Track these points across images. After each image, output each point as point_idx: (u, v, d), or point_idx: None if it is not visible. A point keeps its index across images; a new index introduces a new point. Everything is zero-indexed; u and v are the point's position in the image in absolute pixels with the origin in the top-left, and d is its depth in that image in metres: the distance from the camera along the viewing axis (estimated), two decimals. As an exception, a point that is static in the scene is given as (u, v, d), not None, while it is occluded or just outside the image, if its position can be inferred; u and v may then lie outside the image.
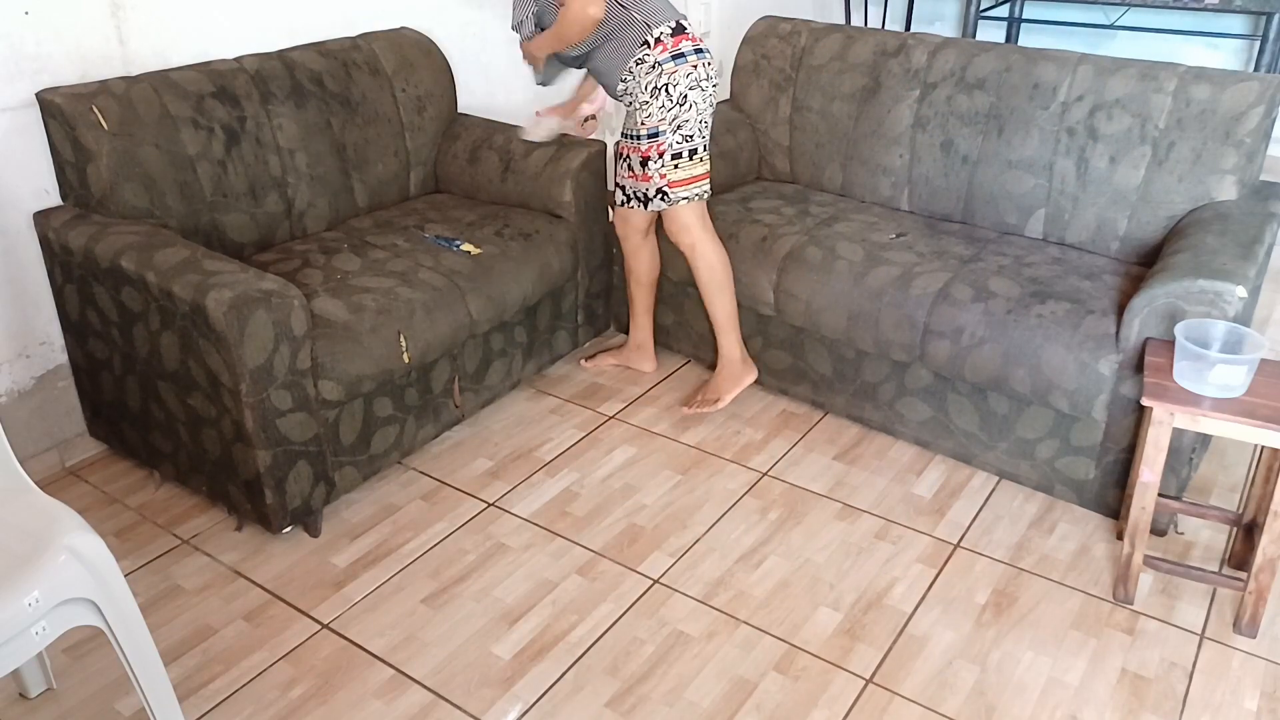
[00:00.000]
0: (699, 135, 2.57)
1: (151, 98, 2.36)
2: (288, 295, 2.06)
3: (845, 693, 1.92)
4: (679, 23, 2.51)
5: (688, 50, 2.50)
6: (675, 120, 2.52)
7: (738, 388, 2.74)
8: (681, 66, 2.49)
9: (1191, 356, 1.94)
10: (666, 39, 2.47)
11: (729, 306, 2.70)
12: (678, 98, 2.50)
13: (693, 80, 2.51)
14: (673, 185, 2.58)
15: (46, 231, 2.31)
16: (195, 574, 2.22)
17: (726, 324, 2.72)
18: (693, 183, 2.60)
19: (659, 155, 2.55)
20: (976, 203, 2.82)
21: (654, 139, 2.54)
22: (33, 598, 1.44)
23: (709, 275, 2.66)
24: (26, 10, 2.26)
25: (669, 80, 2.48)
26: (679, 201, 2.60)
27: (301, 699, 1.90)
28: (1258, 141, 2.45)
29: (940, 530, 2.35)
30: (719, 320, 2.72)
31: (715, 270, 2.65)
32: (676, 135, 2.54)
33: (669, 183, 2.58)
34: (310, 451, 2.20)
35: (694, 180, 2.60)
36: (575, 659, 1.99)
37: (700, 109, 2.55)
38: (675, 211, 2.62)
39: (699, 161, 2.60)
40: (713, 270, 2.65)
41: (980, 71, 2.79)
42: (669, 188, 2.58)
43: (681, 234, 2.64)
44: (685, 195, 2.60)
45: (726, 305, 2.69)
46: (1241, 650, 2.01)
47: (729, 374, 2.75)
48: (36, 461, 2.49)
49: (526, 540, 2.32)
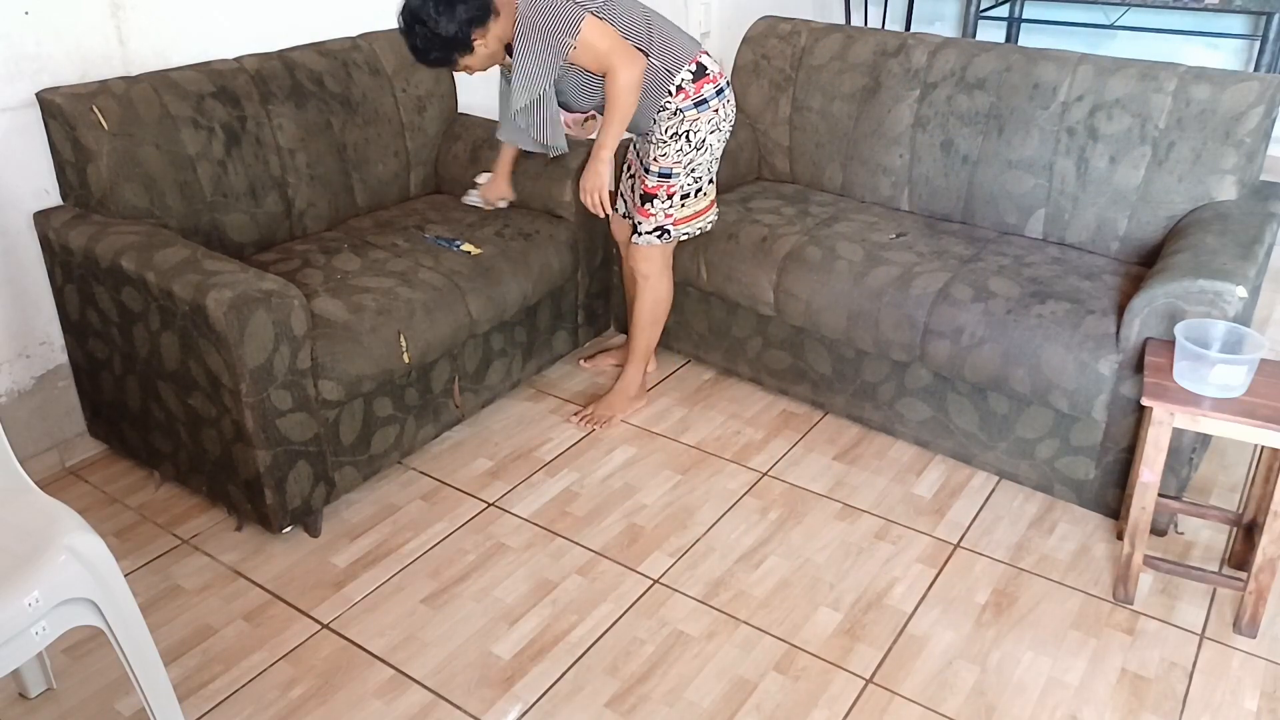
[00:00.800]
0: (708, 171, 2.56)
1: (151, 98, 2.36)
2: (288, 295, 2.06)
3: (845, 693, 1.92)
4: (700, 63, 2.45)
5: (710, 95, 2.45)
6: (691, 164, 2.50)
7: (629, 410, 2.79)
8: (704, 113, 2.46)
9: (1191, 356, 1.94)
10: (688, 85, 2.43)
11: (651, 341, 2.75)
12: (696, 143, 2.48)
13: (714, 124, 2.49)
14: (678, 223, 2.57)
15: (46, 231, 2.31)
16: (195, 574, 2.22)
17: (641, 355, 2.77)
18: (697, 217, 2.61)
19: (668, 196, 2.53)
20: (976, 203, 2.82)
21: (665, 179, 2.51)
22: (33, 598, 1.44)
23: (651, 309, 2.69)
24: (26, 10, 2.26)
25: (690, 127, 2.46)
26: (680, 238, 2.61)
27: (301, 699, 1.90)
28: (1258, 141, 2.45)
29: (940, 530, 2.35)
30: (637, 349, 2.75)
31: (659, 306, 2.69)
32: (689, 177, 2.52)
33: (674, 220, 2.56)
34: (310, 451, 2.20)
35: (699, 215, 2.61)
36: (575, 659, 1.99)
37: (715, 149, 2.54)
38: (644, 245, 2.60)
39: (703, 195, 2.59)
40: (657, 305, 2.69)
41: (980, 71, 2.79)
42: (673, 225, 2.57)
43: (642, 263, 2.63)
44: (688, 231, 2.61)
45: (650, 340, 2.75)
46: (1241, 650, 2.01)
47: (624, 396, 2.79)
48: (36, 461, 2.49)
49: (526, 540, 2.32)
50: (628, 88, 2.34)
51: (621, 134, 2.42)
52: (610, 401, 2.79)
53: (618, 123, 2.39)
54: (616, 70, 2.32)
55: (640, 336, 2.73)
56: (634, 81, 2.34)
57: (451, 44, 2.25)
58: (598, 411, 2.76)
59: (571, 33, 2.28)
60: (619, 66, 2.32)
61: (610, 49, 2.32)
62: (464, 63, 2.32)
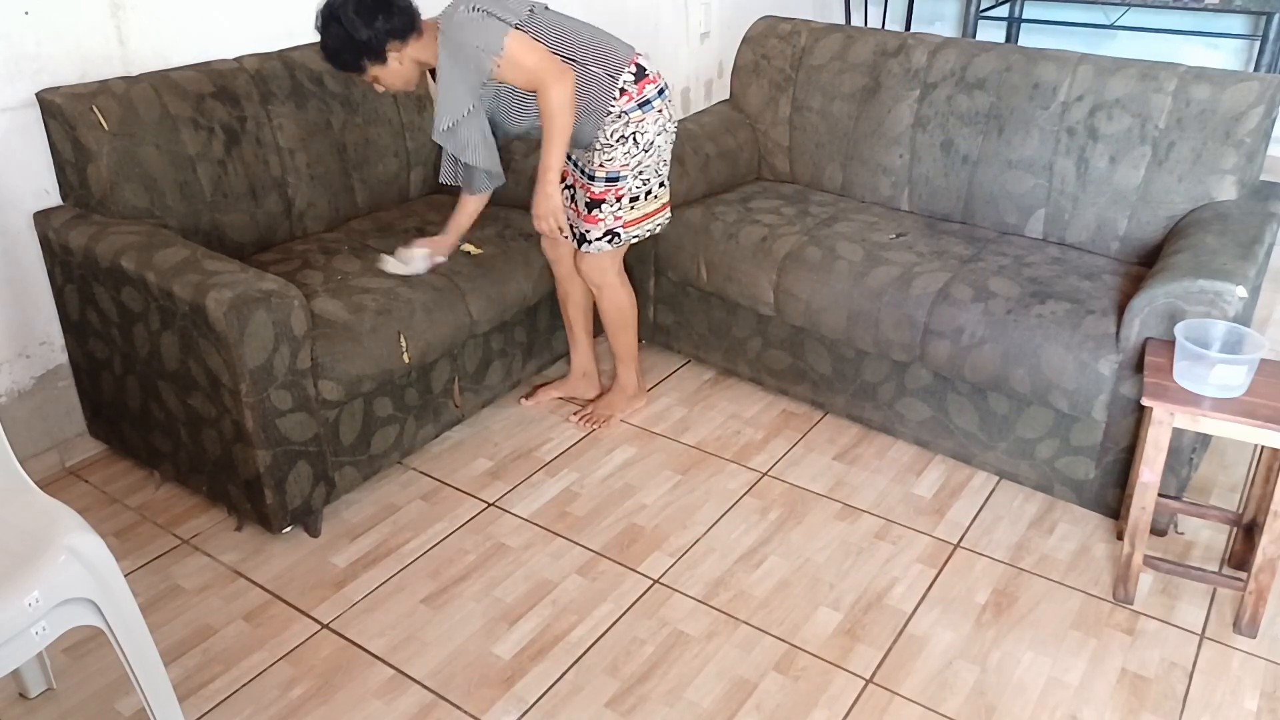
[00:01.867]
0: (656, 173, 2.49)
1: (151, 98, 2.36)
2: (288, 295, 2.06)
3: (845, 693, 1.92)
4: (639, 65, 2.38)
5: (652, 95, 2.39)
6: (638, 166, 2.44)
7: (628, 409, 2.78)
8: (649, 114, 2.39)
9: (1191, 356, 1.94)
10: (630, 87, 2.36)
11: (630, 341, 2.72)
12: (644, 145, 2.41)
13: (659, 125, 2.42)
14: (627, 225, 2.50)
15: (47, 231, 2.31)
16: (195, 574, 2.22)
17: (627, 357, 2.75)
18: (648, 219, 2.54)
19: (615, 199, 2.45)
20: (976, 203, 2.82)
21: (613, 183, 2.44)
22: (33, 598, 1.44)
23: (616, 315, 2.66)
24: (26, 10, 2.26)
25: (636, 129, 2.39)
26: (631, 240, 2.54)
27: (301, 699, 1.90)
28: (1258, 141, 2.45)
29: (940, 530, 2.35)
30: (620, 353, 2.74)
31: (623, 311, 2.65)
32: (637, 180, 2.45)
33: (624, 223, 2.49)
34: (310, 451, 2.20)
35: (649, 216, 2.54)
36: (575, 659, 1.99)
37: (663, 151, 2.48)
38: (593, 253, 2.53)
39: (654, 199, 2.52)
40: (620, 311, 2.65)
41: (980, 71, 2.79)
42: (623, 228, 2.50)
43: (594, 273, 2.57)
44: (638, 233, 2.54)
45: (628, 340, 2.72)
46: (1241, 650, 2.01)
47: (622, 396, 2.79)
48: (36, 461, 2.49)
49: (526, 540, 2.32)
50: (561, 104, 2.27)
51: (564, 151, 2.34)
52: (610, 401, 2.78)
53: (558, 141, 2.31)
54: (548, 86, 2.25)
55: (616, 343, 2.72)
56: (567, 98, 2.27)
57: (363, 49, 2.19)
58: (597, 410, 2.76)
59: (494, 49, 2.21)
60: (550, 83, 2.25)
61: (538, 65, 2.25)
62: (374, 73, 2.25)
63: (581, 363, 2.84)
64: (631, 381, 2.79)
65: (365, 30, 2.17)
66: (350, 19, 2.16)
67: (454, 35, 2.23)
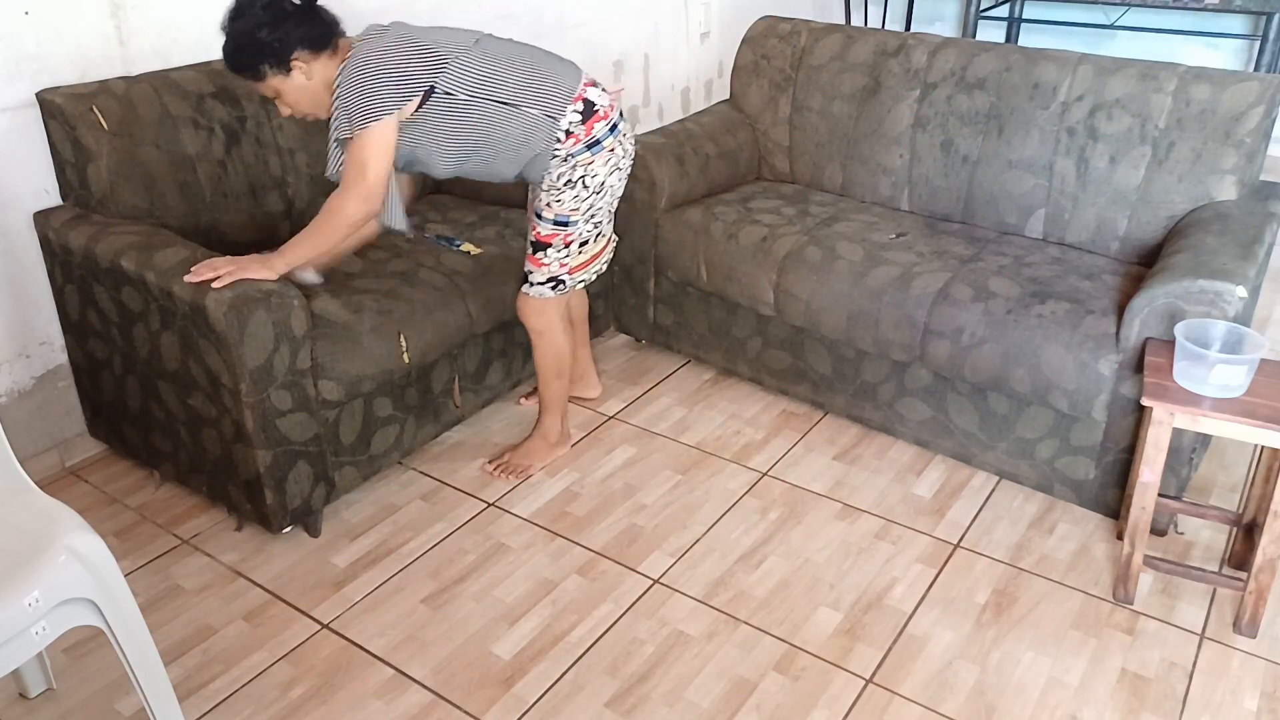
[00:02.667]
0: (608, 214, 2.33)
1: (151, 98, 2.36)
2: (287, 295, 2.06)
3: (845, 693, 1.92)
4: (586, 100, 2.15)
5: (602, 135, 2.17)
6: (590, 209, 2.25)
7: (550, 457, 2.59)
8: (599, 155, 2.19)
9: (1191, 356, 1.94)
10: (577, 128, 2.14)
11: (560, 390, 2.53)
12: (595, 188, 2.22)
13: (611, 165, 2.22)
14: (574, 270, 2.33)
15: (46, 231, 2.31)
16: (195, 574, 2.22)
17: (554, 403, 2.55)
18: (593, 261, 2.38)
19: (564, 245, 2.28)
20: (976, 203, 2.82)
21: (562, 227, 2.25)
22: (33, 598, 1.44)
23: (552, 362, 2.46)
24: (26, 10, 2.26)
25: (585, 172, 2.19)
26: (576, 285, 2.38)
27: (301, 699, 1.90)
28: (1258, 141, 2.45)
29: (940, 530, 2.35)
30: (548, 401, 2.54)
31: (560, 359, 2.47)
32: (588, 224, 2.28)
33: (570, 269, 2.32)
34: (310, 451, 2.20)
35: (595, 258, 2.38)
36: (575, 659, 1.99)
37: (616, 190, 2.30)
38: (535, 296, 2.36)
39: (600, 239, 2.37)
40: (558, 359, 2.46)
41: (980, 71, 2.79)
42: (569, 275, 2.33)
43: (532, 317, 2.39)
44: (584, 278, 2.39)
45: (560, 388, 2.52)
46: (1241, 650, 2.01)
47: (544, 444, 2.58)
48: (36, 461, 2.49)
49: (526, 540, 2.32)
50: (345, 217, 2.04)
51: (308, 258, 2.11)
52: (529, 449, 2.57)
53: (309, 244, 2.07)
54: (348, 193, 2.02)
55: (547, 389, 2.52)
56: (354, 221, 2.04)
57: (265, 50, 1.99)
58: (513, 460, 2.55)
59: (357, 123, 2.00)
60: (352, 194, 2.02)
61: (364, 166, 2.00)
62: (275, 84, 2.03)
63: (577, 369, 2.75)
64: (555, 429, 2.58)
65: (272, 31, 1.97)
66: (257, 14, 1.96)
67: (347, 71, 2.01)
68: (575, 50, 3.74)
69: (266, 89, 2.07)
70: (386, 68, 2.01)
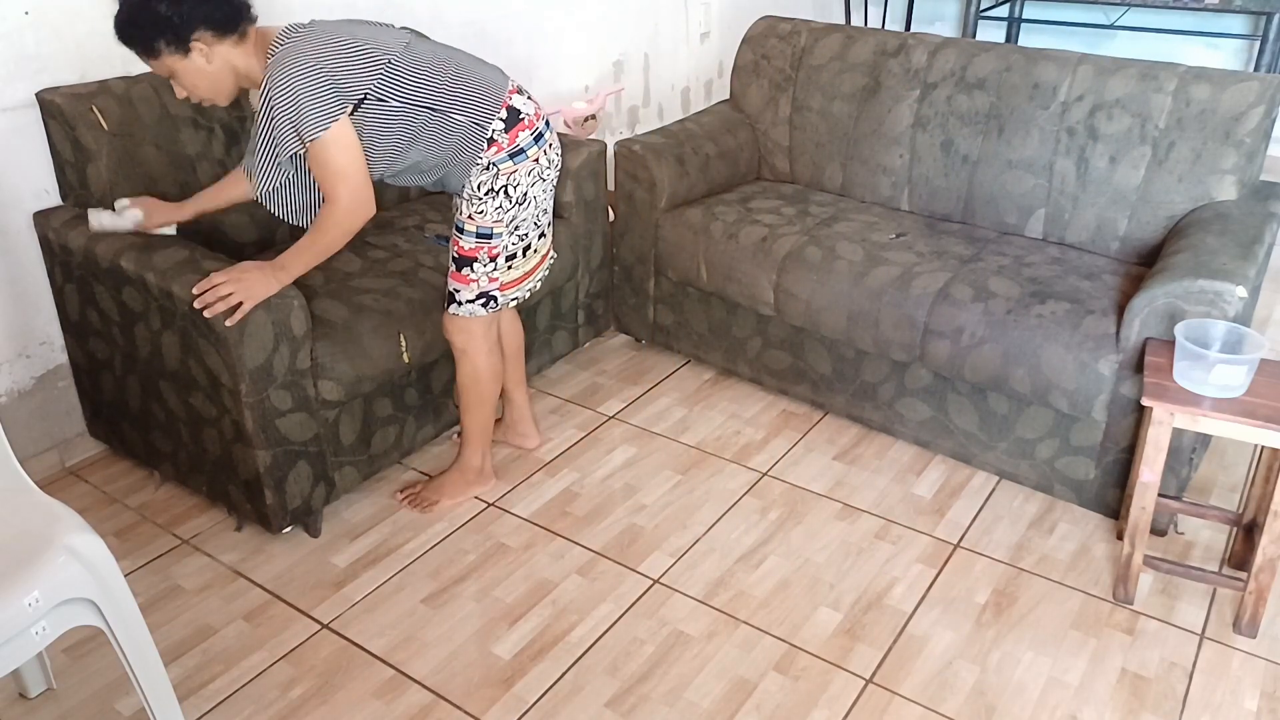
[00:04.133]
0: (535, 228, 2.21)
1: (151, 98, 2.36)
2: (287, 296, 2.06)
3: (845, 693, 1.92)
4: (511, 108, 2.07)
5: (526, 144, 2.09)
6: (513, 221, 2.14)
7: (464, 495, 2.43)
8: (522, 164, 2.09)
9: (1191, 356, 1.94)
10: (500, 136, 2.05)
11: (483, 420, 2.37)
12: (517, 198, 2.12)
13: (535, 175, 2.13)
14: (505, 287, 2.20)
15: (46, 231, 2.31)
16: (195, 574, 2.22)
17: (475, 434, 2.39)
18: (527, 278, 2.26)
19: (490, 259, 2.15)
20: (976, 203, 2.82)
21: (485, 240, 2.13)
22: (33, 598, 1.44)
23: (471, 385, 2.30)
24: (26, 10, 2.26)
25: (508, 181, 2.09)
26: (510, 303, 2.25)
27: (301, 699, 1.90)
28: (1258, 141, 2.45)
29: (940, 530, 2.35)
30: (467, 431, 2.38)
31: (480, 383, 2.30)
32: (512, 237, 2.16)
33: (500, 285, 2.19)
34: (310, 451, 2.20)
35: (529, 275, 2.26)
36: (575, 659, 1.99)
37: (541, 201, 2.19)
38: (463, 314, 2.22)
39: (534, 253, 2.25)
40: (477, 382, 2.30)
41: (980, 71, 2.79)
42: (500, 291, 2.20)
43: (457, 335, 2.25)
44: (516, 295, 2.25)
45: (482, 417, 2.36)
46: (1241, 650, 2.01)
47: (461, 479, 2.44)
48: (36, 461, 2.49)
49: (526, 540, 2.32)
50: (342, 229, 1.97)
51: (309, 268, 2.04)
52: (441, 484, 2.43)
53: (310, 255, 2.01)
54: (337, 202, 1.94)
55: (467, 416, 2.36)
56: (354, 228, 1.98)
57: (163, 25, 1.81)
58: (424, 492, 2.42)
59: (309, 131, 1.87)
60: (342, 200, 1.94)
61: (340, 173, 1.92)
62: (171, 64, 1.86)
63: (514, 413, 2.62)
64: (475, 463, 2.42)
65: (172, 5, 1.80)
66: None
67: (277, 80, 1.86)
68: (576, 50, 3.74)
69: (160, 67, 1.89)
70: (321, 72, 1.87)
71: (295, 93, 1.85)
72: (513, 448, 2.66)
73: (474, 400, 2.33)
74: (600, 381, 2.97)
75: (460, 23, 3.28)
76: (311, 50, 1.88)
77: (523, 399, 2.62)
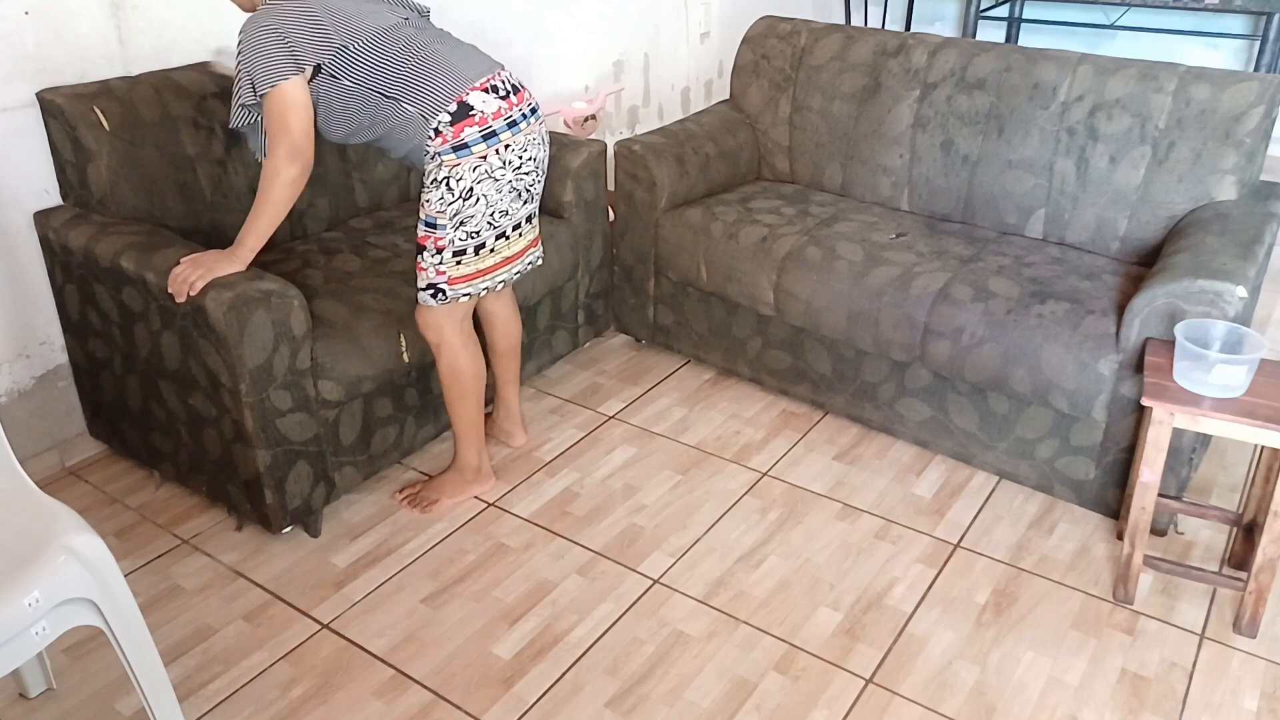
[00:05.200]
0: (489, 228, 2.18)
1: (152, 98, 2.36)
2: (287, 295, 2.06)
3: (845, 693, 1.92)
4: (464, 103, 2.07)
5: (472, 139, 2.08)
6: (457, 216, 2.13)
7: (463, 495, 2.44)
8: (465, 159, 2.08)
9: (1191, 356, 1.94)
10: (446, 129, 2.06)
11: (469, 414, 2.36)
12: (460, 192, 2.10)
13: (480, 173, 2.11)
14: (453, 282, 2.18)
15: (47, 231, 2.31)
16: (195, 574, 2.22)
17: (464, 431, 2.38)
18: (479, 277, 2.22)
19: (437, 250, 2.15)
20: (976, 203, 2.82)
21: (430, 229, 2.14)
22: (33, 598, 1.44)
23: (450, 380, 2.30)
24: (26, 10, 2.26)
25: (449, 173, 2.09)
26: (460, 299, 2.21)
27: (301, 699, 1.90)
28: (1258, 141, 2.45)
29: (940, 530, 2.35)
30: (457, 427, 2.38)
31: (458, 376, 2.29)
32: (459, 231, 2.14)
33: (449, 279, 2.18)
34: (310, 451, 2.20)
35: (482, 274, 2.22)
36: (575, 659, 1.99)
37: (493, 200, 2.15)
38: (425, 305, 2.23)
39: (490, 254, 2.21)
40: (455, 375, 2.29)
41: (980, 71, 2.79)
42: (448, 285, 2.18)
43: (425, 328, 2.26)
44: (468, 292, 2.21)
45: (466, 413, 2.35)
46: (1241, 650, 2.01)
47: (459, 479, 2.44)
48: (36, 461, 2.49)
49: (526, 540, 2.32)
50: (280, 179, 2.03)
51: (266, 235, 2.09)
52: (441, 483, 2.44)
53: (258, 219, 2.07)
54: (275, 154, 2.03)
55: (452, 411, 2.35)
56: (291, 179, 2.04)
57: None
58: (424, 492, 2.44)
59: (260, 84, 1.99)
60: (279, 153, 2.03)
61: (281, 126, 2.01)
62: None
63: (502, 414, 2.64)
64: (471, 462, 2.42)
65: None
66: None
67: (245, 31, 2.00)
68: (576, 50, 3.74)
69: None
70: (281, 36, 1.99)
71: (253, 49, 2.00)
72: (505, 446, 2.66)
73: (456, 395, 2.33)
74: (600, 381, 2.97)
75: (461, 22, 3.28)
76: (279, 14, 2.02)
77: (512, 397, 2.61)
